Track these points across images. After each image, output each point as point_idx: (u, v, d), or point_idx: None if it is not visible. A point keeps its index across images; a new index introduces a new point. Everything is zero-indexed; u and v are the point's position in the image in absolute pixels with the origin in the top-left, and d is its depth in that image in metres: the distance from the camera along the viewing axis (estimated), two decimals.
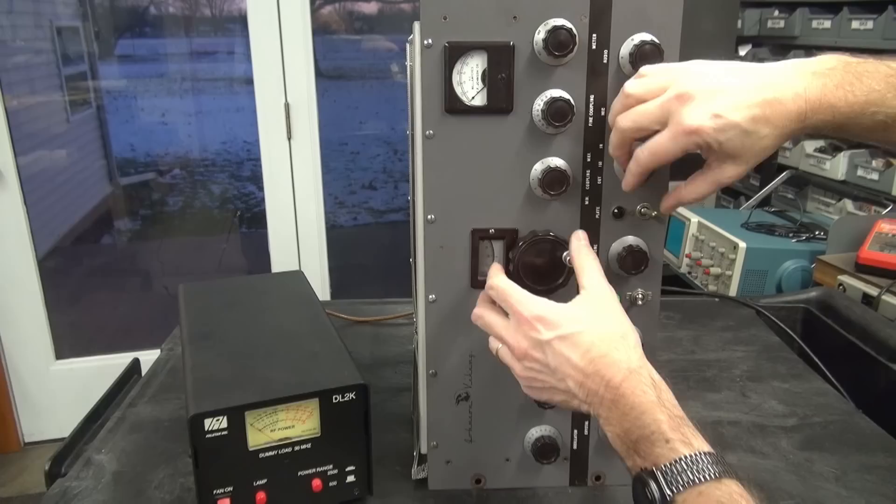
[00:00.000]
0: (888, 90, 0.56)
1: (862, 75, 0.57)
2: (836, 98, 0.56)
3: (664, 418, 0.52)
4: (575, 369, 0.57)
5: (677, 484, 0.48)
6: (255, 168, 2.56)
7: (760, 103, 0.56)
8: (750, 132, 0.56)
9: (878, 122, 0.57)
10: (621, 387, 0.54)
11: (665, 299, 1.12)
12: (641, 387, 0.54)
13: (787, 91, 0.56)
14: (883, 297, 1.39)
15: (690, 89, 0.57)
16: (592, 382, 0.56)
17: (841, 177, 2.06)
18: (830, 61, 0.58)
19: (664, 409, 0.52)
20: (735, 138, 0.56)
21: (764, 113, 0.56)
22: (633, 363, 0.56)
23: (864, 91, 0.56)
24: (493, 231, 0.70)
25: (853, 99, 0.56)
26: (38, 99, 2.60)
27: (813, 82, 0.57)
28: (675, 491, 0.48)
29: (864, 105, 0.56)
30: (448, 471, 0.77)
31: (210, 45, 2.81)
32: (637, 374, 0.55)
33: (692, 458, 0.49)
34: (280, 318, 0.90)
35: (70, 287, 2.79)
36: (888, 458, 0.84)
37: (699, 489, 0.47)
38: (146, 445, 0.86)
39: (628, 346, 0.57)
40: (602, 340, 0.57)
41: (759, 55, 2.50)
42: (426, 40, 0.65)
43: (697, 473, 0.48)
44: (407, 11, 3.00)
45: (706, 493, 0.47)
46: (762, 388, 1.00)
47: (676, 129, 0.57)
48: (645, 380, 0.55)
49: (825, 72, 0.57)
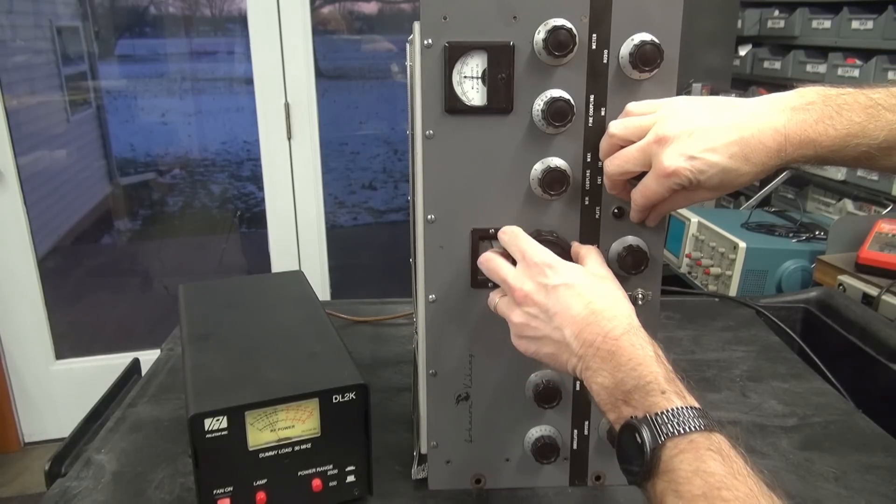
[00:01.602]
0: (868, 121, 0.57)
1: (842, 108, 0.58)
2: (816, 133, 0.57)
3: (661, 371, 0.53)
4: (575, 317, 0.58)
5: (668, 431, 0.49)
6: (255, 168, 2.56)
7: (738, 141, 0.58)
8: (729, 170, 0.58)
9: (862, 152, 0.58)
10: (620, 339, 0.56)
11: (665, 299, 1.12)
12: (640, 342, 0.55)
13: (766, 128, 0.58)
14: (883, 297, 1.39)
15: (669, 132, 0.59)
16: (590, 333, 0.57)
17: (841, 177, 2.06)
18: (809, 95, 0.59)
19: (662, 364, 0.54)
20: (714, 177, 0.58)
21: (742, 151, 0.58)
22: (633, 321, 0.58)
23: (845, 124, 0.57)
24: (493, 231, 0.70)
25: (834, 133, 0.57)
26: (38, 99, 2.60)
27: (793, 118, 0.58)
28: (668, 435, 0.48)
29: (846, 138, 0.57)
30: (448, 471, 0.77)
31: (210, 45, 2.81)
32: (638, 330, 0.57)
33: (685, 409, 0.50)
34: (280, 318, 0.90)
35: (70, 287, 2.79)
36: (888, 458, 0.84)
37: (690, 437, 0.48)
38: (146, 445, 0.86)
39: (630, 309, 0.59)
40: (604, 297, 0.59)
41: (759, 55, 2.51)
42: (426, 40, 0.65)
43: (688, 423, 0.49)
44: (407, 11, 3.00)
45: (697, 440, 0.48)
46: (762, 388, 1.00)
47: (657, 172, 0.60)
48: (644, 337, 0.56)
49: (804, 106, 0.58)
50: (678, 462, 0.47)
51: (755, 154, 0.58)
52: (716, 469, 0.46)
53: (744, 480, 0.45)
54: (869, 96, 0.58)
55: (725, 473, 0.45)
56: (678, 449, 0.48)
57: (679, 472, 0.47)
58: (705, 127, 0.58)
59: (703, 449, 0.47)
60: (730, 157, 0.58)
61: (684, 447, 0.48)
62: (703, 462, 0.46)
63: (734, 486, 0.45)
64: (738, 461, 0.47)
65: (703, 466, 0.46)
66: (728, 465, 0.46)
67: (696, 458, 0.47)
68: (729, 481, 0.45)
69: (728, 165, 0.58)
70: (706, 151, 0.58)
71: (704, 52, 2.58)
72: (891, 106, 0.57)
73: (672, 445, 0.48)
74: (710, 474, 0.46)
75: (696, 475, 0.46)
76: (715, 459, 0.46)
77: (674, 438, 0.48)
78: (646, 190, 0.62)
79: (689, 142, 0.58)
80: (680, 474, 0.47)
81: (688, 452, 0.47)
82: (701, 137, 0.58)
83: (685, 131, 0.58)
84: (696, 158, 0.58)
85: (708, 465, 0.46)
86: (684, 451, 0.48)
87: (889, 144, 0.57)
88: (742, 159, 0.58)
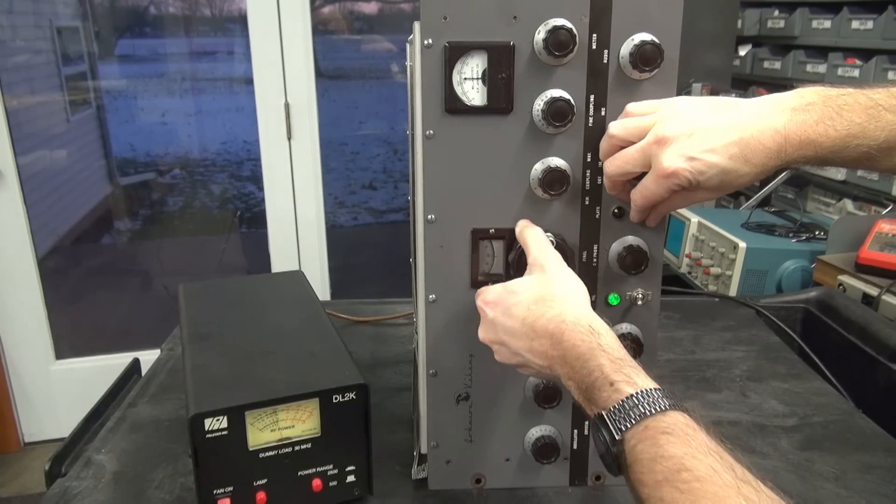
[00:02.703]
0: (868, 122, 0.57)
1: (842, 109, 0.57)
2: (816, 134, 0.57)
3: (605, 362, 0.53)
4: (521, 338, 0.60)
5: (624, 423, 0.49)
6: (255, 168, 2.56)
7: (738, 142, 0.58)
8: (728, 171, 0.58)
9: (862, 153, 0.58)
10: (563, 340, 0.56)
11: (665, 299, 1.12)
12: (580, 336, 0.56)
13: (766, 128, 0.58)
14: (883, 297, 1.39)
15: (668, 133, 0.59)
16: (539, 345, 0.58)
17: (841, 177, 2.06)
18: (810, 95, 0.59)
19: (604, 354, 0.54)
20: (714, 177, 0.58)
21: (742, 152, 0.58)
22: (567, 316, 0.58)
23: (845, 125, 0.57)
24: (493, 231, 0.70)
25: (834, 134, 0.57)
26: (38, 99, 2.59)
27: (793, 118, 0.58)
28: (624, 429, 0.49)
29: (846, 139, 0.57)
30: (448, 471, 0.77)
31: (210, 45, 2.81)
32: (574, 325, 0.57)
33: (636, 396, 0.50)
34: (280, 318, 0.90)
35: (70, 287, 2.79)
36: (888, 458, 0.84)
37: (645, 423, 0.48)
38: (146, 445, 0.86)
39: (564, 301, 0.59)
40: (536, 303, 0.60)
41: (759, 55, 2.51)
42: (426, 40, 0.65)
43: (642, 409, 0.49)
44: (407, 11, 3.00)
45: (652, 426, 0.48)
46: (762, 388, 1.00)
47: (657, 173, 0.60)
48: (583, 328, 0.56)
49: (804, 107, 0.58)
50: (639, 452, 0.48)
51: (755, 155, 0.58)
52: (673, 452, 0.46)
53: (703, 459, 0.45)
54: (869, 97, 0.58)
55: (683, 454, 0.45)
56: (636, 439, 0.48)
57: (641, 462, 0.47)
58: (705, 128, 0.58)
59: (659, 433, 0.47)
60: (729, 157, 0.58)
61: (641, 436, 0.48)
62: (660, 447, 0.46)
63: (693, 466, 0.44)
64: (698, 436, 0.47)
65: (660, 451, 0.46)
66: (685, 445, 0.46)
67: (653, 445, 0.47)
68: (688, 462, 0.45)
69: (728, 166, 0.58)
70: (706, 152, 0.58)
71: (704, 52, 2.58)
72: (891, 106, 0.57)
73: (630, 436, 0.48)
74: (667, 458, 0.46)
75: (655, 462, 0.46)
76: (671, 442, 0.46)
77: (630, 429, 0.48)
78: (645, 190, 0.62)
79: (688, 142, 0.58)
80: (643, 464, 0.47)
81: (645, 441, 0.47)
82: (701, 138, 0.58)
83: (685, 132, 0.58)
84: (696, 159, 0.58)
85: (665, 449, 0.46)
86: (642, 439, 0.48)
87: (889, 145, 0.57)
88: (742, 160, 0.58)
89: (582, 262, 0.71)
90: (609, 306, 0.73)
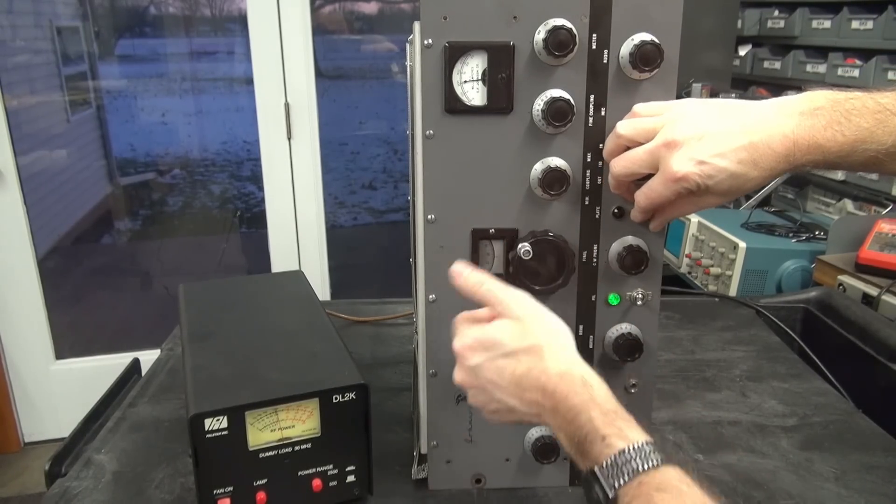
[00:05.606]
0: (876, 126, 0.57)
1: (850, 113, 0.57)
2: (824, 139, 0.57)
3: (597, 415, 0.52)
4: (509, 393, 0.57)
5: (617, 479, 0.48)
6: (255, 168, 2.56)
7: (747, 146, 0.57)
8: (737, 175, 0.58)
9: (870, 157, 0.58)
10: (555, 393, 0.54)
11: (665, 299, 1.12)
12: (573, 388, 0.54)
13: (775, 133, 0.57)
14: (883, 297, 1.39)
15: (678, 136, 0.59)
16: (530, 396, 0.56)
17: (841, 177, 2.06)
18: (818, 99, 0.59)
19: (596, 406, 0.53)
20: (723, 182, 0.58)
21: (751, 156, 0.57)
22: (559, 366, 0.56)
23: (853, 130, 0.57)
24: (493, 231, 0.70)
25: (842, 139, 0.57)
26: (38, 99, 2.60)
27: (801, 123, 0.57)
28: (617, 486, 0.48)
29: (854, 143, 0.57)
30: (448, 471, 0.77)
31: (210, 45, 2.81)
32: (570, 370, 0.55)
33: (629, 450, 0.49)
34: (280, 318, 0.90)
35: (70, 287, 2.79)
36: (888, 458, 0.84)
37: (639, 479, 0.48)
38: (146, 445, 0.86)
39: (550, 350, 0.57)
40: (524, 353, 0.57)
41: (759, 55, 2.51)
42: (426, 40, 0.65)
43: (634, 465, 0.48)
44: (407, 11, 3.00)
45: (646, 482, 0.47)
46: (762, 388, 1.00)
47: (665, 176, 0.59)
48: (576, 380, 0.55)
49: (813, 111, 0.58)
50: None
51: (764, 159, 0.57)
52: None
53: None
54: (877, 101, 0.57)
55: None
56: (630, 496, 0.47)
57: None
58: (714, 132, 0.58)
59: (653, 490, 0.47)
60: (738, 162, 0.57)
61: (634, 492, 0.47)
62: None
63: None
64: (692, 491, 0.47)
65: None
66: (679, 501, 0.46)
67: (647, 502, 0.47)
68: None
69: (737, 171, 0.58)
70: (715, 156, 0.58)
71: (704, 52, 2.58)
72: None
73: (623, 493, 0.48)
74: None
75: None
76: (665, 500, 0.46)
77: (624, 486, 0.48)
78: (651, 192, 0.62)
79: (698, 146, 0.58)
80: None
81: (638, 498, 0.47)
82: (710, 142, 0.58)
83: (694, 136, 0.58)
84: (706, 163, 0.58)
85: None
86: (636, 496, 0.47)
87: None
88: (751, 164, 0.57)
89: (582, 262, 0.71)
90: (609, 306, 0.73)
